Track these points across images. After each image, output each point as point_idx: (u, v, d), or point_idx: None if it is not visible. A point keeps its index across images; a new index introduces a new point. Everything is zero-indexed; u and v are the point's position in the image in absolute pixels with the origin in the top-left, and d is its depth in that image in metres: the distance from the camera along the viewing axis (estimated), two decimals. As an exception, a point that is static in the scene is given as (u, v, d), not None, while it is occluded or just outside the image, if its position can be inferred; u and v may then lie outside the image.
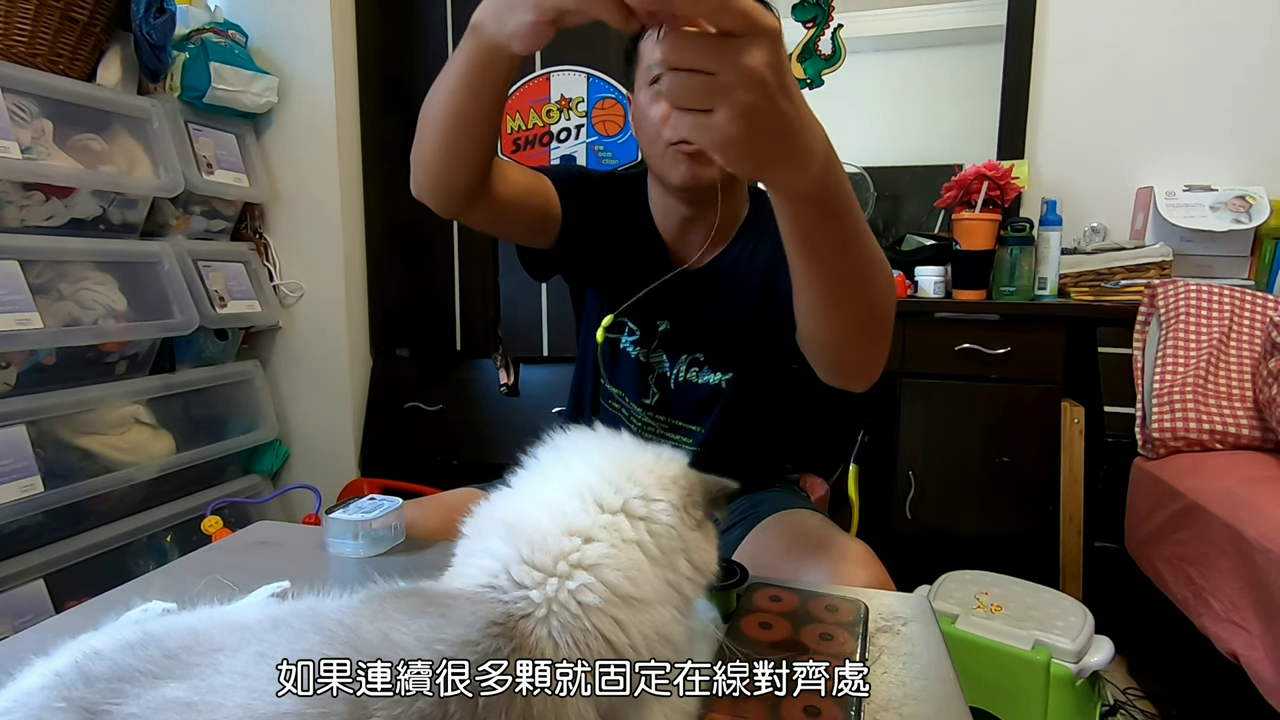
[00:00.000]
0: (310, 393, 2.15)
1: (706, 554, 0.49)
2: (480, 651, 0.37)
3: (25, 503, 1.42)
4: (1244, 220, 1.76)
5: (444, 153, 0.74)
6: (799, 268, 0.61)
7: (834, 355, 0.70)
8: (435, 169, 0.76)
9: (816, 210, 0.55)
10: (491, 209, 0.83)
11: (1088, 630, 1.33)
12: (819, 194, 0.53)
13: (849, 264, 0.60)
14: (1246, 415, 1.45)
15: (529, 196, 0.91)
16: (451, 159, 0.75)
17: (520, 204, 0.89)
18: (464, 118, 0.71)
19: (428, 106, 0.73)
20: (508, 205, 0.86)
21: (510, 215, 0.89)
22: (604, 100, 1.91)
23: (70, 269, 1.56)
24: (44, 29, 1.51)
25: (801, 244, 0.58)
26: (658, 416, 1.03)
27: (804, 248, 0.59)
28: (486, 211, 0.83)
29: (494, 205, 0.83)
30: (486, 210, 0.83)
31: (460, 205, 0.80)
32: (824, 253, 0.59)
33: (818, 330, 0.67)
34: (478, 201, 0.81)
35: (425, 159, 0.76)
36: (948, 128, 2.17)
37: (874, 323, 0.66)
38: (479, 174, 0.78)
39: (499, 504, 0.48)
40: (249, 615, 0.40)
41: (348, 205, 2.07)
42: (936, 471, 1.76)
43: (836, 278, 0.61)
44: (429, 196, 0.80)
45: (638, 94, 0.93)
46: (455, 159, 0.75)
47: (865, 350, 0.68)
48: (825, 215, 0.55)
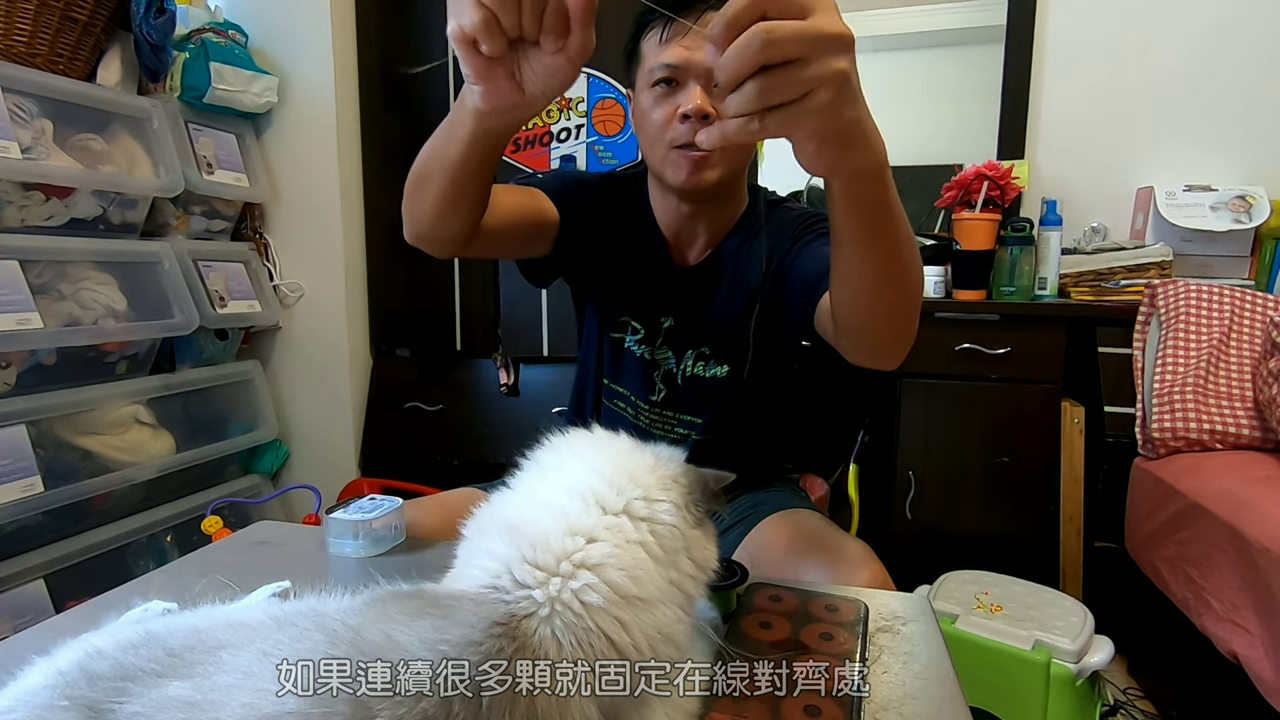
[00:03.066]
0: (310, 393, 2.15)
1: (708, 552, 0.49)
2: (483, 652, 0.37)
3: (25, 503, 1.42)
4: (1244, 220, 1.76)
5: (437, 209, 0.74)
6: (855, 250, 0.61)
7: (877, 335, 0.71)
8: (428, 221, 0.76)
9: (884, 186, 0.55)
10: (484, 241, 0.84)
11: (1088, 630, 1.33)
12: (885, 168, 0.54)
13: (902, 240, 0.61)
14: (1246, 415, 1.45)
15: (520, 220, 0.90)
16: (446, 213, 0.75)
17: (512, 229, 0.89)
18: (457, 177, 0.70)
19: (421, 165, 0.73)
20: (499, 234, 0.86)
21: (503, 241, 0.89)
22: (604, 100, 1.91)
23: (70, 269, 1.56)
24: (44, 29, 1.51)
25: (866, 225, 0.59)
26: (665, 412, 1.03)
27: (868, 228, 0.59)
28: (480, 245, 0.84)
29: (486, 238, 0.83)
30: (480, 245, 0.83)
31: (455, 249, 0.81)
32: (885, 232, 0.59)
33: (865, 311, 0.68)
34: (471, 242, 0.81)
35: (417, 213, 0.76)
36: (948, 128, 2.17)
37: (916, 297, 0.67)
38: (474, 223, 0.78)
39: (499, 505, 0.48)
40: (251, 615, 0.40)
41: (348, 205, 2.07)
42: (936, 471, 1.76)
43: (891, 254, 0.61)
44: (423, 243, 0.80)
45: (639, 94, 0.93)
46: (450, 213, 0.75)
47: (907, 327, 0.69)
48: (888, 191, 0.56)
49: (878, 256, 0.61)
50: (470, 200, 0.74)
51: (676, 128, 0.87)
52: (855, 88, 0.45)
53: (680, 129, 0.87)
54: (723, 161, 0.90)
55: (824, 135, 0.47)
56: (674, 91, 0.88)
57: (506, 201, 0.88)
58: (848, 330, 0.72)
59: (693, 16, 0.85)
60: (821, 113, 0.44)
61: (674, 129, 0.88)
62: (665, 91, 0.89)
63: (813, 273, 0.86)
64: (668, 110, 0.88)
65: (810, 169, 0.51)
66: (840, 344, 0.76)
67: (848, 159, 0.51)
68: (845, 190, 0.56)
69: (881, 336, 0.71)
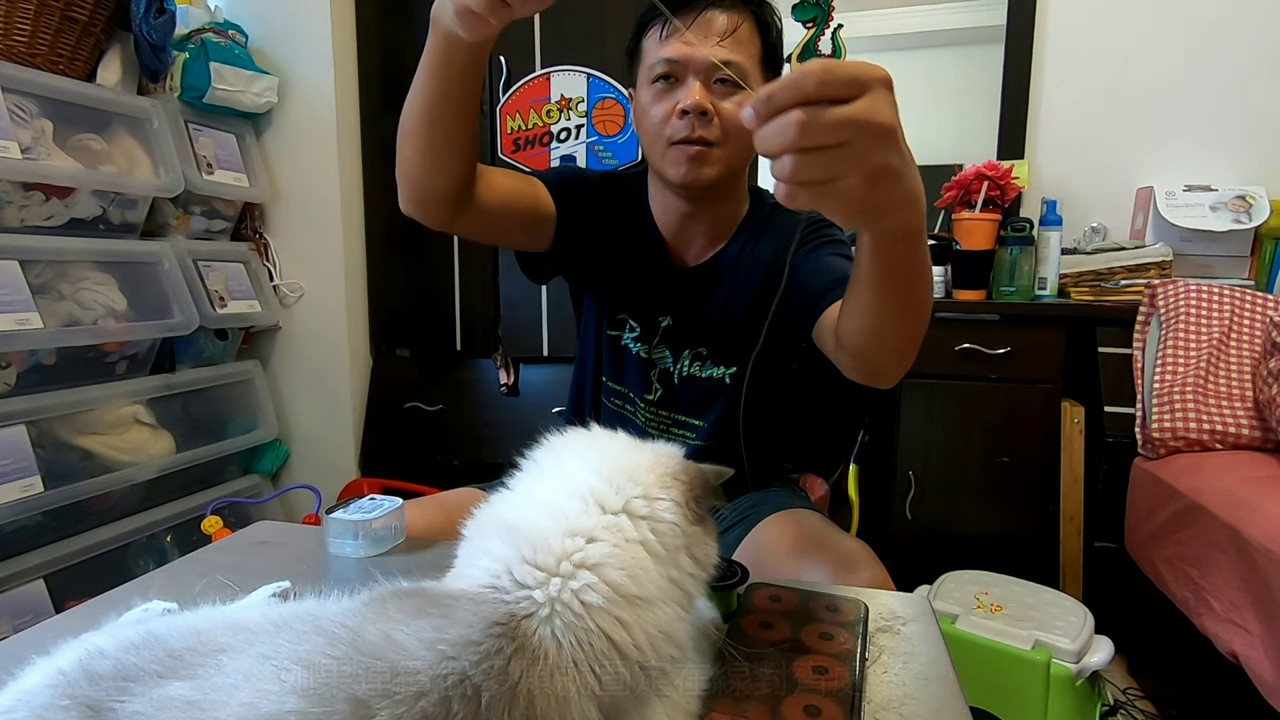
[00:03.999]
0: (310, 393, 2.15)
1: (708, 549, 0.49)
2: (483, 651, 0.37)
3: (25, 503, 1.42)
4: (1244, 220, 1.76)
5: (422, 159, 0.76)
6: (872, 294, 0.62)
7: (879, 360, 0.72)
8: (416, 175, 0.78)
9: (915, 247, 0.56)
10: (480, 217, 0.84)
11: (1088, 630, 1.33)
12: (921, 232, 0.54)
13: (922, 290, 0.62)
14: (1246, 415, 1.45)
15: (517, 201, 0.91)
16: (430, 165, 0.76)
17: (508, 210, 0.89)
18: (436, 116, 0.72)
19: (404, 117, 0.75)
20: (495, 212, 0.87)
21: (499, 222, 0.89)
22: (604, 100, 1.91)
23: (70, 269, 1.56)
24: (44, 29, 1.51)
25: (889, 274, 0.59)
26: (660, 412, 1.03)
27: (890, 277, 0.59)
28: (475, 220, 0.84)
29: (482, 213, 0.84)
30: (475, 219, 0.84)
31: (447, 215, 0.81)
32: (907, 280, 0.60)
33: (872, 341, 0.68)
34: (464, 210, 0.82)
35: (406, 169, 0.78)
36: (948, 128, 2.17)
37: (923, 330, 0.68)
38: (461, 180, 0.79)
39: (498, 506, 0.48)
40: (251, 616, 0.40)
41: (348, 205, 2.07)
42: (936, 471, 1.76)
43: (908, 302, 0.62)
44: (415, 209, 0.81)
45: (639, 91, 0.93)
46: (434, 164, 0.76)
47: (909, 355, 0.70)
48: (918, 251, 0.57)
49: (895, 302, 0.62)
50: (454, 145, 0.75)
51: (675, 123, 0.88)
52: (894, 171, 0.44)
53: (679, 124, 0.87)
54: (721, 160, 0.90)
55: (850, 212, 0.46)
56: (674, 87, 0.89)
57: (505, 183, 0.88)
58: (851, 352, 0.73)
59: (694, 14, 0.86)
60: (851, 197, 0.43)
61: (673, 124, 0.88)
62: (665, 87, 0.89)
63: (817, 285, 0.86)
64: (667, 106, 0.88)
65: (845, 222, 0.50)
66: (839, 359, 0.77)
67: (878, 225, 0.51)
68: (876, 244, 0.56)
69: (883, 362, 0.72)
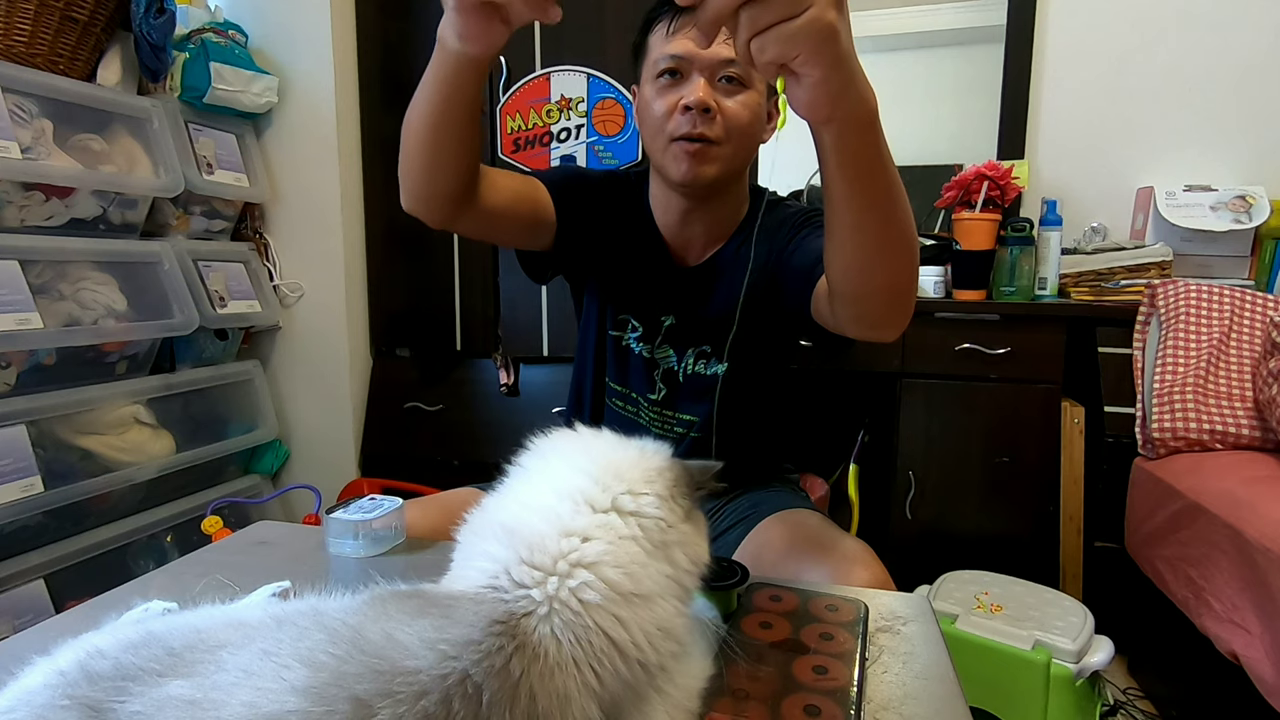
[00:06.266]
0: (310, 393, 2.15)
1: (698, 545, 0.49)
2: (483, 650, 0.37)
3: (25, 503, 1.42)
4: (1244, 220, 1.76)
5: (425, 161, 0.76)
6: (848, 210, 0.62)
7: (874, 303, 0.71)
8: (419, 178, 0.78)
9: (876, 137, 0.56)
10: (480, 216, 0.84)
11: (1088, 630, 1.33)
12: (876, 119, 0.54)
13: (895, 197, 0.61)
14: (1246, 415, 1.45)
15: (518, 201, 0.91)
16: (433, 167, 0.76)
17: (509, 209, 0.90)
18: (439, 121, 0.72)
19: (408, 119, 0.75)
20: (496, 212, 0.87)
21: (500, 221, 0.90)
22: (604, 100, 1.91)
23: (70, 269, 1.56)
24: (44, 29, 1.51)
25: (859, 179, 0.59)
26: (665, 411, 1.03)
27: (861, 183, 0.59)
28: (476, 219, 0.84)
29: (483, 212, 0.84)
30: (476, 218, 0.84)
31: (449, 213, 0.82)
32: (878, 186, 0.60)
33: (862, 278, 0.68)
34: (465, 209, 0.82)
35: (409, 169, 0.78)
36: (948, 128, 2.17)
37: (912, 266, 0.68)
38: (463, 180, 0.79)
39: (492, 510, 0.48)
40: (252, 614, 0.40)
41: (348, 205, 2.07)
42: (936, 471, 1.76)
43: (885, 218, 0.62)
44: (417, 206, 0.81)
45: (643, 87, 0.94)
46: (437, 166, 0.76)
47: (904, 296, 0.69)
48: (879, 142, 0.56)
49: (872, 215, 0.62)
50: (456, 146, 0.75)
51: (678, 119, 0.88)
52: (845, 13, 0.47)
53: (681, 120, 0.88)
54: (722, 158, 0.90)
55: (821, 54, 0.47)
56: (677, 83, 0.89)
57: (506, 184, 0.89)
58: (844, 298, 0.72)
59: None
60: (816, 26, 0.45)
61: (675, 120, 0.88)
62: (669, 83, 0.89)
63: (808, 260, 0.86)
64: (670, 101, 0.89)
65: (809, 108, 0.51)
66: (837, 316, 0.76)
67: (844, 100, 0.51)
68: (838, 141, 0.56)
69: (878, 304, 0.71)
